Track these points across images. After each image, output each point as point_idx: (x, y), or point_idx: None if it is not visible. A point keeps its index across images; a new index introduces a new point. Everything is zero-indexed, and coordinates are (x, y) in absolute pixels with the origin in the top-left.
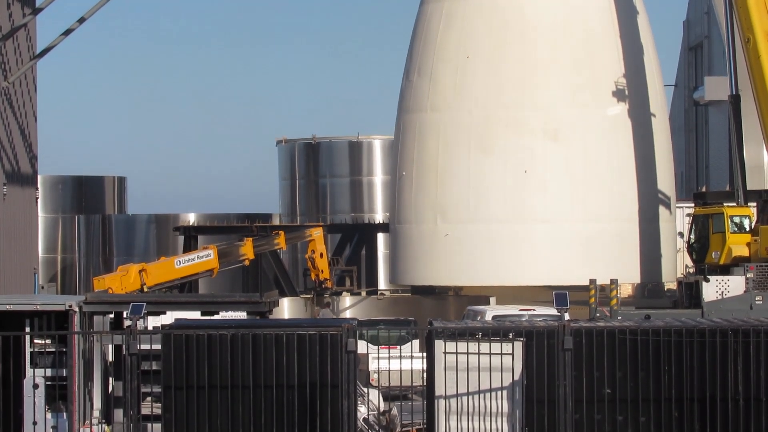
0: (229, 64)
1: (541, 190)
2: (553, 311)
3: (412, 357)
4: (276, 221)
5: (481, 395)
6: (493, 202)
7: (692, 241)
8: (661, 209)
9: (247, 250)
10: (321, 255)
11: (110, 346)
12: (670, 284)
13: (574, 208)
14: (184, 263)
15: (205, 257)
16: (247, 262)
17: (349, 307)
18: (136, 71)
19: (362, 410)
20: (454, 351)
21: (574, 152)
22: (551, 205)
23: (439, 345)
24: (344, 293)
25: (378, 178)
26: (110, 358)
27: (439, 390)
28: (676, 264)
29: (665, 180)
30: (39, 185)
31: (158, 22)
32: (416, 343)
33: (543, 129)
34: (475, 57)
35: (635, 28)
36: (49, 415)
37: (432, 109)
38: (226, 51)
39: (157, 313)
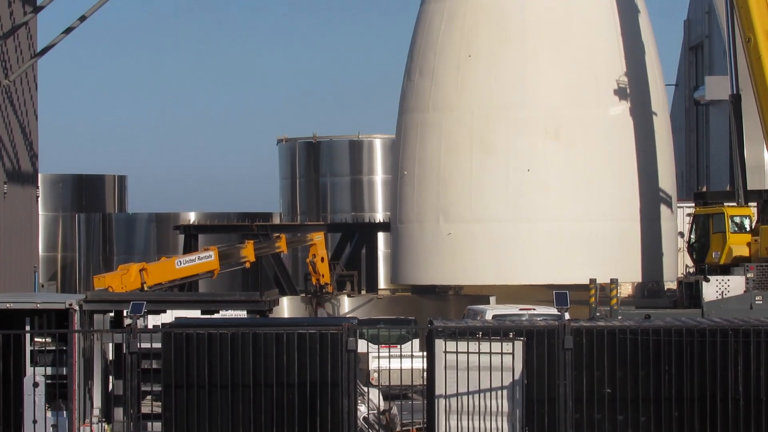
0: (230, 63)
1: (542, 189)
2: (554, 311)
3: (412, 356)
4: (276, 220)
5: (482, 394)
6: (494, 201)
7: (692, 240)
8: (663, 208)
9: (248, 252)
10: (322, 259)
11: (110, 344)
12: (670, 284)
13: (576, 208)
14: (185, 264)
15: (205, 258)
16: (247, 265)
17: (350, 308)
18: (137, 70)
19: (362, 409)
20: (455, 350)
21: (575, 151)
22: (553, 204)
23: (439, 344)
24: (344, 295)
25: (378, 177)
26: (110, 357)
27: (439, 389)
28: (677, 263)
29: (666, 179)
30: (39, 183)
31: (159, 21)
32: (416, 342)
33: (545, 128)
34: (477, 56)
35: (636, 26)
36: (49, 414)
37: (433, 109)
38: (227, 49)
39: (157, 312)
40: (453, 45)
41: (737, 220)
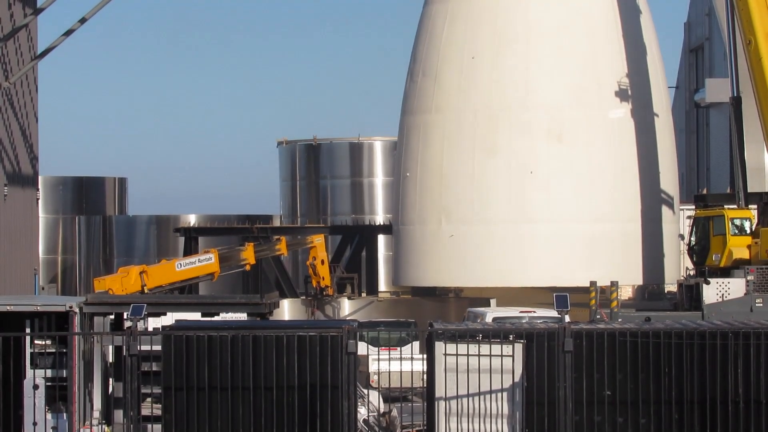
0: (230, 65)
1: (544, 191)
2: (554, 313)
3: (412, 358)
4: (277, 222)
5: (482, 397)
6: (497, 203)
7: (693, 243)
8: (665, 210)
9: (248, 255)
10: (322, 262)
11: (110, 347)
12: (670, 286)
13: (578, 209)
14: (185, 266)
15: (206, 261)
16: (248, 267)
17: (350, 310)
18: (137, 71)
19: (362, 411)
20: (455, 353)
21: (578, 153)
22: (555, 206)
23: (439, 347)
24: (344, 298)
25: (379, 179)
26: (110, 359)
27: (439, 391)
28: (679, 265)
29: (669, 179)
30: (40, 186)
31: (159, 23)
32: (416, 344)
33: (547, 130)
34: (480, 58)
35: (638, 27)
36: (49, 416)
37: (436, 110)
38: (227, 51)
39: (157, 314)
40: (456, 47)
41: (737, 222)
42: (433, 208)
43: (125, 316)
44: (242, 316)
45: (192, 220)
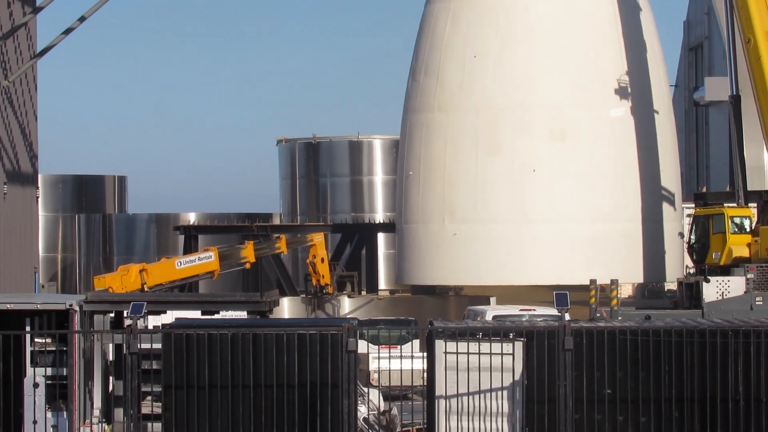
0: (230, 63)
1: (547, 190)
2: (554, 311)
3: (412, 357)
4: (276, 221)
5: (482, 395)
6: (499, 202)
7: (693, 241)
8: (667, 208)
9: (248, 253)
10: (322, 260)
11: (110, 345)
12: (670, 285)
13: (580, 208)
14: (185, 264)
15: (206, 259)
16: (248, 265)
17: (350, 308)
18: (137, 70)
19: (362, 410)
20: (455, 351)
21: (580, 152)
22: (556, 205)
23: (439, 345)
24: (344, 296)
25: (378, 177)
26: (110, 358)
27: (439, 390)
28: (682, 263)
29: (670, 176)
30: (39, 184)
31: (159, 21)
32: (416, 342)
33: (549, 129)
34: (482, 56)
35: (638, 25)
36: (49, 414)
37: (439, 109)
38: (227, 50)
39: (157, 313)
40: (458, 45)
41: (737, 220)
42: (436, 207)
43: (125, 315)
44: (242, 315)
45: (192, 218)
